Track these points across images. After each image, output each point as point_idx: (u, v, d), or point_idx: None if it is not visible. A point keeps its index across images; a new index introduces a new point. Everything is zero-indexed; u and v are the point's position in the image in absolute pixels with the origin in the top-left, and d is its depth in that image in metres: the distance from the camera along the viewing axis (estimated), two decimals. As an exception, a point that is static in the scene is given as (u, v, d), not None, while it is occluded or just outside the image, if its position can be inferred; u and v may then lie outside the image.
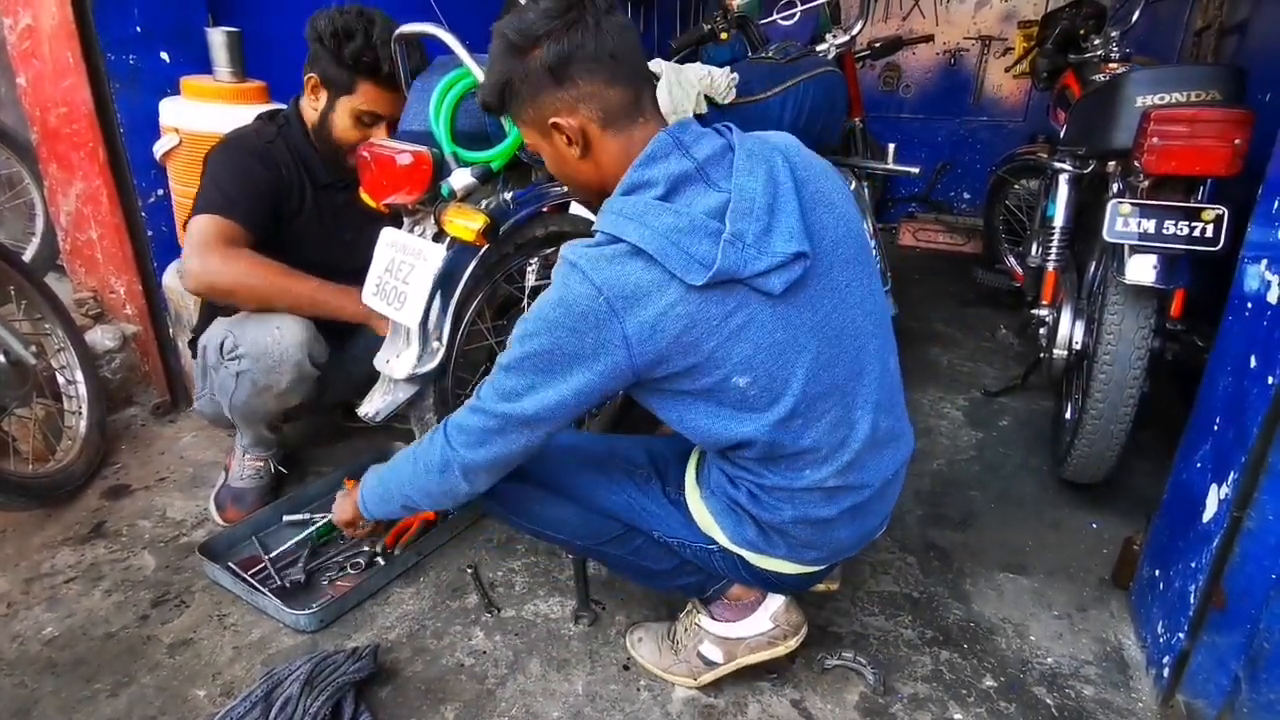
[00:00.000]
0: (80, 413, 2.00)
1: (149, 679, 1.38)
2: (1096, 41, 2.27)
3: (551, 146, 1.08)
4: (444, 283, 1.47)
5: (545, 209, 1.68)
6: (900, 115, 4.52)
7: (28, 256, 2.56)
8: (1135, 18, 2.24)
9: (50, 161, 2.19)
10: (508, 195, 1.55)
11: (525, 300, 1.76)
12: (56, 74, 2.05)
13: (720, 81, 1.86)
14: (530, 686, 1.38)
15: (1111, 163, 1.83)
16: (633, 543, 1.30)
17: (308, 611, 1.47)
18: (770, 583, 1.27)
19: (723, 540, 1.20)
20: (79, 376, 2.02)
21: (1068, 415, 1.99)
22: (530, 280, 1.81)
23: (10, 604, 1.54)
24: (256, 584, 1.54)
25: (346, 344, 1.82)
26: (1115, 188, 1.76)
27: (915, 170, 2.19)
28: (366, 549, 1.68)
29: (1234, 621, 1.20)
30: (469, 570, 1.65)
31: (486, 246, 1.47)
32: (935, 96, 4.45)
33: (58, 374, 2.01)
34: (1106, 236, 1.55)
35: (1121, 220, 1.53)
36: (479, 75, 1.40)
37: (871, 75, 4.46)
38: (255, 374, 1.61)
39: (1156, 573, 1.45)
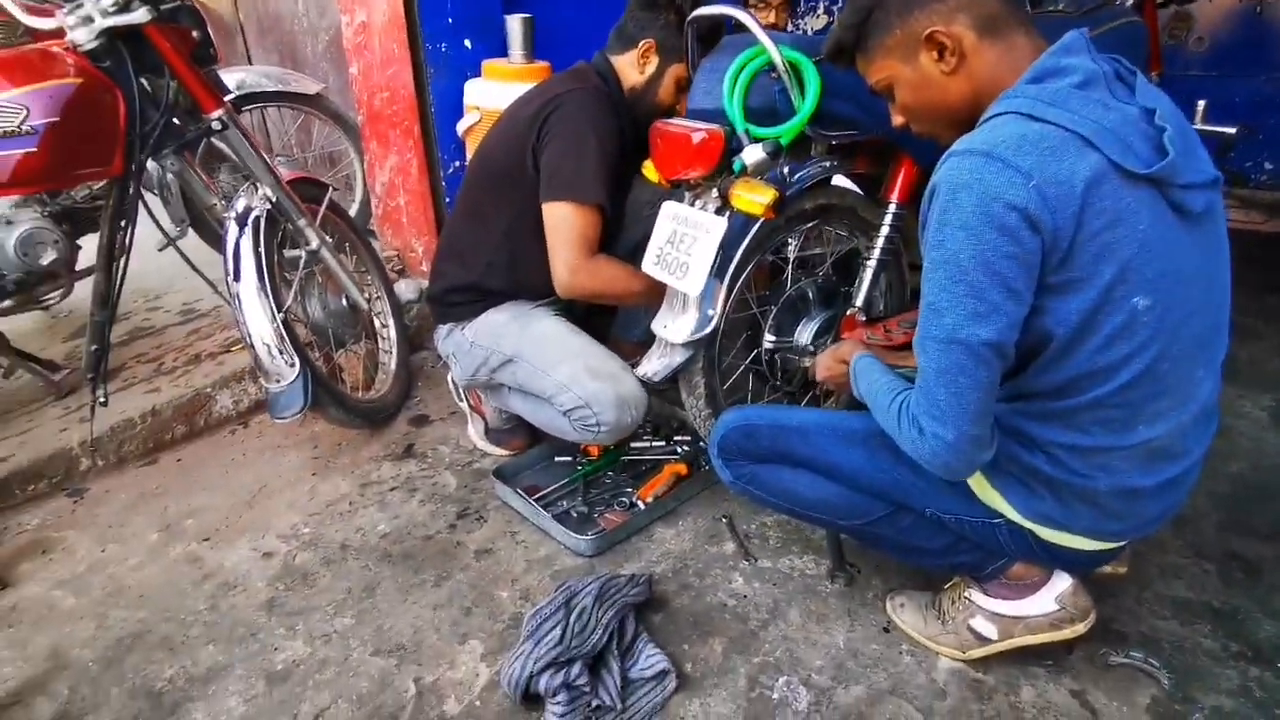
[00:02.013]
0: (391, 352, 2.36)
1: (462, 576, 1.63)
2: None
3: (915, 69, 1.06)
4: (722, 254, 1.54)
5: (814, 183, 1.70)
6: (1189, 72, 3.93)
7: (348, 219, 3.04)
8: None
9: (371, 139, 2.58)
10: (785, 169, 1.58)
11: (789, 270, 1.80)
12: (384, 63, 2.40)
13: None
14: (792, 634, 1.44)
15: None
16: (902, 522, 1.28)
17: (588, 537, 1.65)
18: (1060, 558, 1.22)
19: (1011, 514, 1.17)
20: (391, 321, 2.38)
21: None
22: (792, 252, 1.85)
23: (351, 502, 1.88)
24: (541, 509, 1.75)
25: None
26: None
27: (1232, 130, 1.93)
28: (629, 490, 1.84)
29: None
30: (724, 520, 1.75)
31: (767, 219, 1.52)
32: (1233, 50, 3.81)
33: (374, 318, 2.39)
34: None
35: None
36: (776, 55, 1.44)
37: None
38: (603, 436, 1.73)
39: None
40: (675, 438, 2.03)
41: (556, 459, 1.99)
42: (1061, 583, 1.26)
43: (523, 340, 1.77)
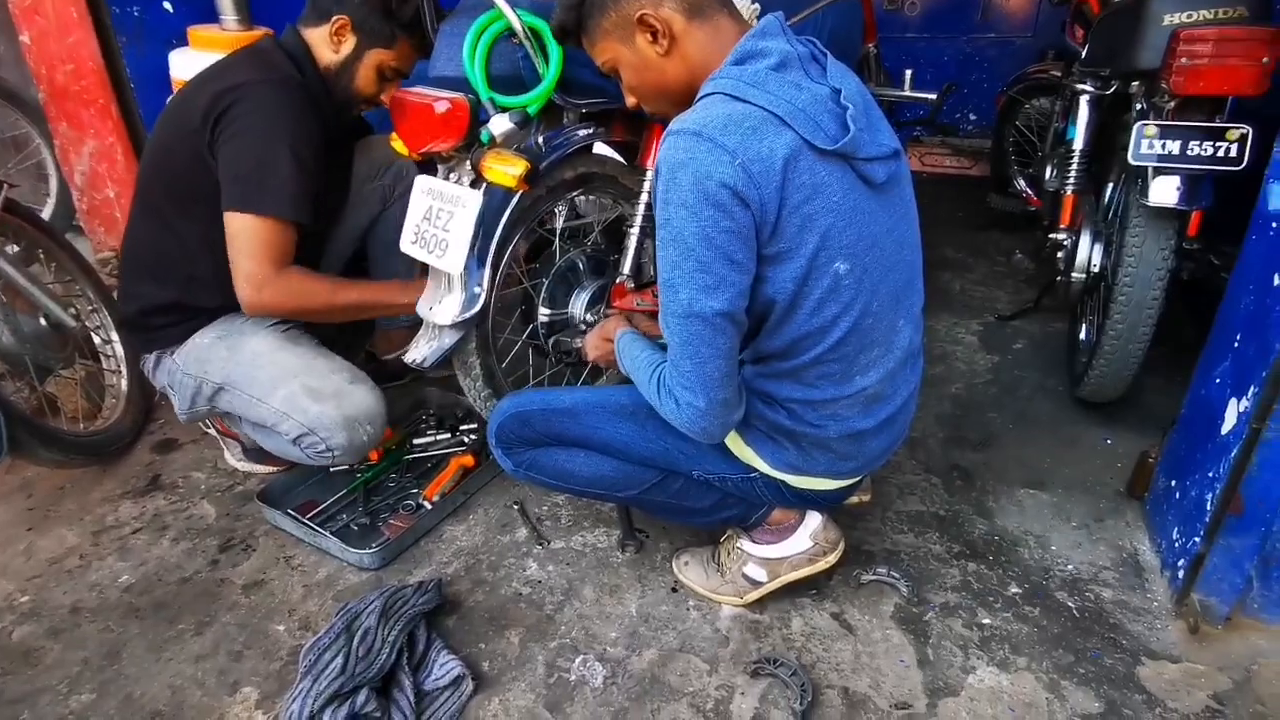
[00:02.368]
0: (120, 371, 2.04)
1: (229, 617, 1.47)
2: (1117, -47, 2.22)
3: (634, 52, 1.10)
4: (482, 229, 1.49)
5: (573, 151, 1.68)
6: (905, 35, 4.41)
7: (44, 217, 2.55)
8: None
9: (60, 120, 2.17)
10: (539, 139, 1.55)
11: (556, 242, 1.78)
12: (61, 29, 2.01)
13: (741, 9, 1.83)
14: (586, 610, 1.47)
15: (1134, 83, 1.82)
16: (673, 486, 1.35)
17: (370, 550, 1.55)
18: (810, 501, 1.35)
19: (763, 467, 1.27)
20: (114, 336, 2.05)
21: (1083, 337, 2.05)
22: (559, 223, 1.83)
23: (82, 555, 1.62)
24: (317, 526, 1.62)
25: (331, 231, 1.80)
26: (1138, 109, 1.76)
27: (933, 96, 2.17)
28: (415, 491, 1.76)
29: (1249, 525, 1.29)
30: (515, 506, 1.73)
31: (523, 191, 1.48)
32: (941, 13, 4.33)
33: (93, 334, 2.05)
34: (1131, 159, 1.57)
35: (1147, 142, 1.55)
36: (512, 18, 1.39)
37: (876, -6, 4.33)
38: (341, 459, 1.61)
39: (1173, 483, 1.53)
40: (461, 428, 1.96)
41: (332, 469, 1.84)
42: (814, 521, 1.39)
43: (231, 364, 1.57)
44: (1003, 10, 4.21)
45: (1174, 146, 1.53)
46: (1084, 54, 2.10)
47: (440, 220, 1.48)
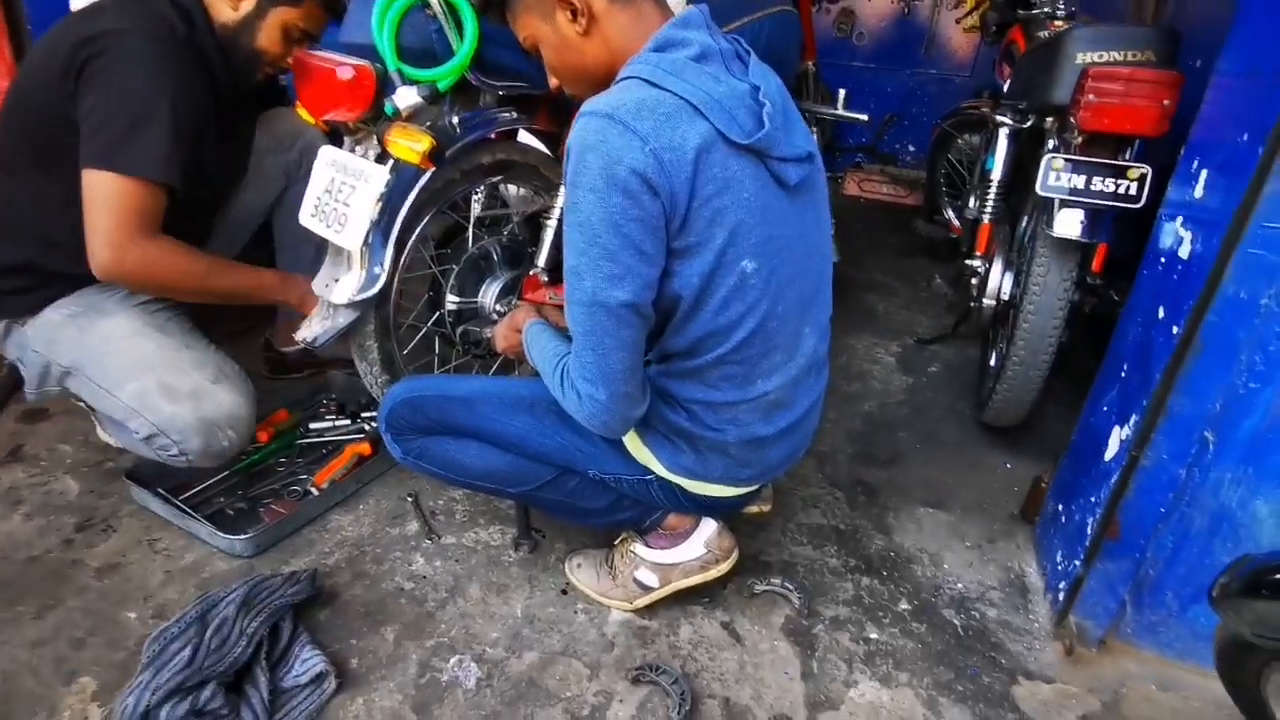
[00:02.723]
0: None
1: (75, 602, 1.35)
2: (1045, -3, 2.31)
3: (554, 30, 1.07)
4: (387, 206, 1.42)
5: (493, 135, 1.64)
6: (852, 63, 4.51)
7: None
8: (1083, -24, 2.27)
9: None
10: (454, 119, 1.50)
11: (470, 229, 1.72)
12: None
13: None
14: (470, 609, 1.41)
15: (1050, 118, 1.88)
16: (568, 484, 1.31)
17: (243, 536, 1.46)
18: (706, 507, 1.32)
19: (660, 470, 1.24)
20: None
21: (991, 362, 2.09)
22: (475, 210, 1.77)
23: (-80, 527, 1.48)
24: (188, 509, 1.52)
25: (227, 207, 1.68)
26: (1051, 143, 1.81)
27: (864, 117, 2.21)
28: (304, 478, 1.67)
29: (1125, 551, 1.32)
30: (410, 499, 1.66)
31: (432, 170, 1.43)
32: (888, 46, 4.45)
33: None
34: (1039, 190, 1.61)
35: (1054, 175, 1.59)
36: (426, -14, 1.34)
37: (826, 20, 4.43)
38: (197, 463, 1.47)
39: (1060, 507, 1.56)
40: (363, 415, 1.88)
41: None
42: (708, 528, 1.37)
43: (81, 348, 1.43)
44: (945, 49, 4.35)
45: (1079, 181, 1.58)
46: (1007, 88, 2.16)
47: (342, 194, 1.41)
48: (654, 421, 1.20)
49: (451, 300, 1.70)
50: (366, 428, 1.84)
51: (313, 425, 1.83)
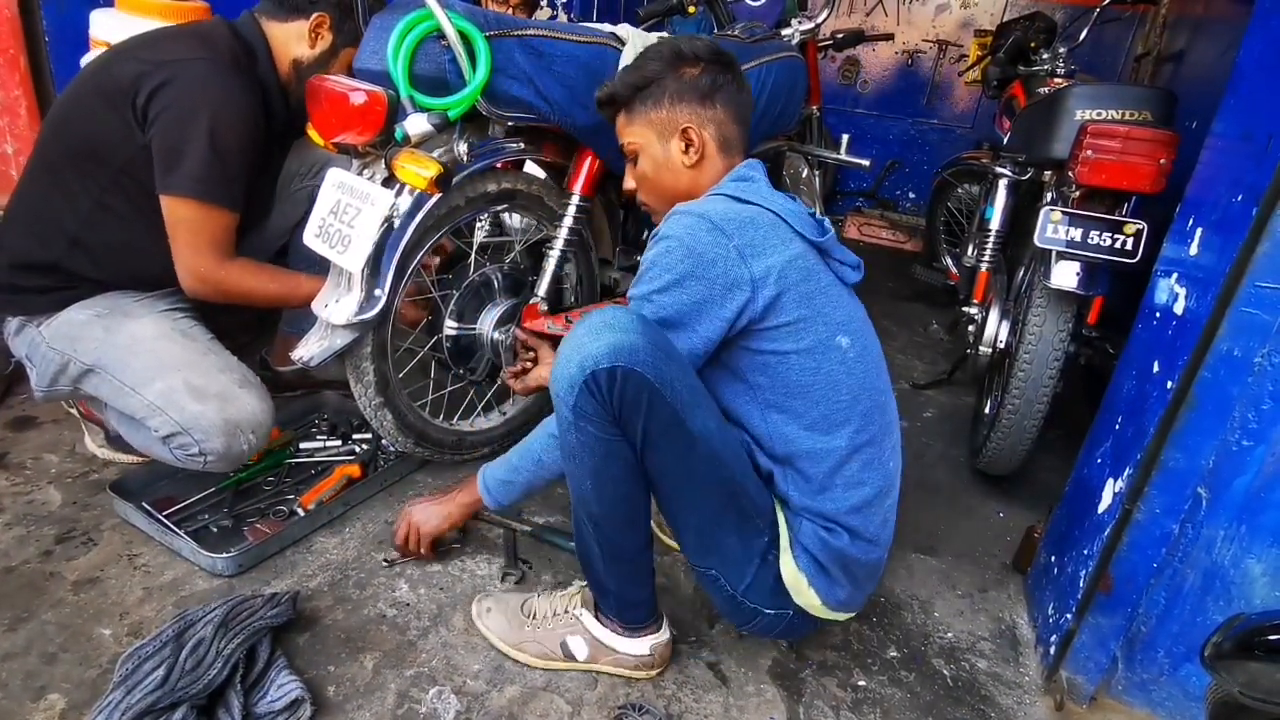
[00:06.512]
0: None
1: (50, 615, 1.33)
2: (1045, 56, 2.37)
3: (664, 151, 1.23)
4: (391, 229, 1.43)
5: (499, 164, 1.66)
6: (856, 110, 4.60)
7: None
8: (1083, 36, 2.34)
9: (-39, 66, 2.04)
10: (463, 147, 1.52)
11: (473, 255, 1.73)
12: (-27, -29, 1.90)
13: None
14: (453, 639, 1.38)
15: (1048, 172, 1.91)
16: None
17: (225, 555, 1.44)
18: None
19: (814, 606, 1.23)
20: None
21: (986, 410, 2.10)
22: (479, 236, 1.79)
23: (-103, 533, 1.46)
24: (171, 525, 1.50)
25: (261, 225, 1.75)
26: (1049, 196, 1.84)
27: (866, 162, 2.24)
28: (291, 498, 1.65)
29: (1117, 605, 1.30)
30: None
31: (437, 196, 1.44)
32: (891, 95, 4.55)
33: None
34: (1037, 241, 1.63)
35: (1052, 227, 1.61)
36: (443, 19, 1.36)
37: (831, 67, 4.52)
38: (213, 466, 1.50)
39: (1052, 559, 1.55)
40: (354, 437, 1.87)
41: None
42: (663, 635, 1.33)
43: (106, 346, 1.46)
44: (947, 100, 4.44)
45: (1076, 234, 1.60)
46: (1006, 140, 2.20)
47: (346, 215, 1.42)
48: (813, 547, 1.19)
49: (450, 325, 1.70)
50: (357, 450, 1.82)
51: (303, 445, 1.82)
